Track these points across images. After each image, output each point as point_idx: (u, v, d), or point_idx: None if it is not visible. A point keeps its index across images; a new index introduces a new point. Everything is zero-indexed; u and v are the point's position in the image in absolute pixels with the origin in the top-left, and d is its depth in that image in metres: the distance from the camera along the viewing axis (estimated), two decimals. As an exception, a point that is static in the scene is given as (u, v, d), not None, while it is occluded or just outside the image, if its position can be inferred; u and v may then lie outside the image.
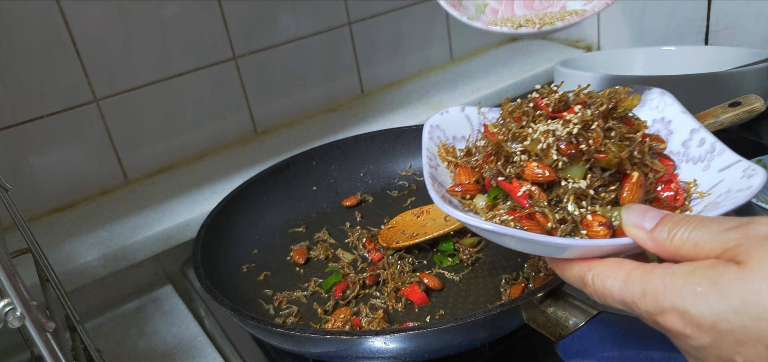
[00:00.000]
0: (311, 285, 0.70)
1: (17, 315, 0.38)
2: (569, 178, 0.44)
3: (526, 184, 0.45)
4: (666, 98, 0.54)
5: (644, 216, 0.37)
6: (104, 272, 0.78)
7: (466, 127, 0.60)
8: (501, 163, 0.48)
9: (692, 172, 0.48)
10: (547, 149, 0.44)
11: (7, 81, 0.82)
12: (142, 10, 0.89)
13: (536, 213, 0.44)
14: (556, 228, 0.43)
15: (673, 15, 1.04)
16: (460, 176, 0.52)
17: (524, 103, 0.50)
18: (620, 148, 0.44)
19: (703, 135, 0.49)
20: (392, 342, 0.51)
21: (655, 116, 0.54)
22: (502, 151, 0.48)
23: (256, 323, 0.56)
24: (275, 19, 1.01)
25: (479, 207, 0.48)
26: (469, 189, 0.50)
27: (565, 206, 0.43)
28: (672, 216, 0.36)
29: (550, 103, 0.48)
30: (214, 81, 0.99)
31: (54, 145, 0.88)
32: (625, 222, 0.39)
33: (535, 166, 0.45)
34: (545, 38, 1.31)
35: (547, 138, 0.45)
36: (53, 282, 0.58)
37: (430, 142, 0.57)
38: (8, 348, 0.76)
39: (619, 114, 0.48)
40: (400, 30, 1.16)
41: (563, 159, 0.44)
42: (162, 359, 0.70)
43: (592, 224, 0.42)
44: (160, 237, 0.81)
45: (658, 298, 0.33)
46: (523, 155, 0.46)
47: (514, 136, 0.47)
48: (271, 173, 0.83)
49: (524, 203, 0.44)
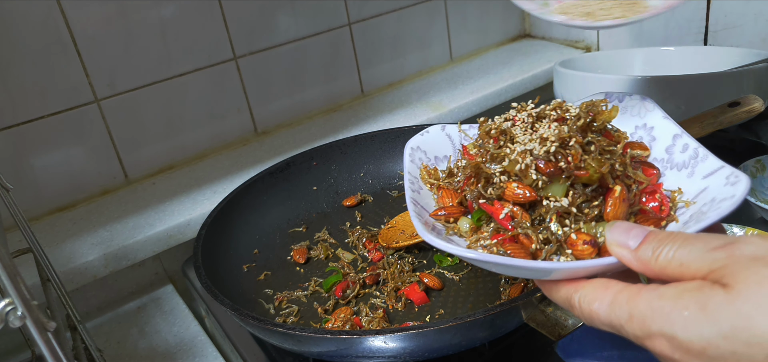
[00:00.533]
0: (311, 285, 0.70)
1: (18, 314, 0.38)
2: (550, 197, 0.43)
3: (508, 206, 0.44)
4: (647, 104, 0.53)
5: (628, 234, 0.37)
6: (105, 272, 0.78)
7: (447, 146, 0.59)
8: (482, 185, 0.47)
9: (677, 179, 0.47)
10: (526, 169, 0.44)
11: (8, 81, 0.82)
12: (142, 10, 0.89)
13: (520, 235, 0.43)
14: (541, 249, 0.42)
15: (673, 15, 1.04)
16: (443, 198, 0.51)
17: (501, 122, 0.50)
18: (600, 162, 0.43)
19: (685, 140, 0.49)
20: (392, 342, 0.52)
21: (637, 123, 0.53)
22: (482, 173, 0.47)
23: (257, 322, 0.56)
24: (275, 19, 1.01)
25: (463, 230, 0.48)
26: (453, 212, 0.49)
27: (548, 226, 0.43)
28: (656, 233, 0.35)
29: (525, 119, 0.48)
30: (214, 81, 0.99)
31: (55, 145, 0.88)
32: (609, 240, 0.38)
33: (515, 186, 0.44)
34: (546, 39, 1.31)
35: (524, 158, 0.44)
36: (54, 281, 0.58)
37: (412, 164, 0.56)
38: (9, 347, 0.76)
39: (598, 127, 0.47)
40: (400, 30, 1.16)
41: (543, 178, 0.43)
42: (163, 358, 0.70)
43: (576, 243, 0.41)
44: (161, 236, 0.82)
45: (645, 322, 0.33)
46: (502, 176, 0.45)
47: (493, 157, 0.47)
48: (271, 173, 0.83)
49: (507, 225, 0.44)
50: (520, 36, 1.36)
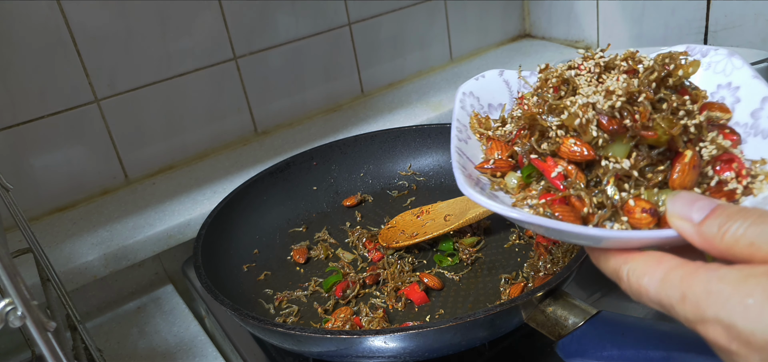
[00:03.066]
0: (311, 285, 0.70)
1: (18, 314, 0.38)
2: (610, 157, 0.39)
3: (562, 163, 0.40)
4: (734, 60, 0.46)
5: (692, 205, 0.32)
6: (105, 272, 0.78)
7: (504, 94, 0.53)
8: (535, 138, 0.43)
9: (761, 147, 0.41)
10: (586, 124, 0.39)
11: (8, 81, 0.82)
12: (142, 10, 0.89)
13: (571, 196, 0.39)
14: (593, 213, 0.38)
15: (673, 15, 1.04)
16: (493, 150, 0.46)
17: (564, 69, 0.45)
18: (671, 123, 0.38)
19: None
20: (392, 342, 0.52)
21: (721, 81, 0.46)
22: (537, 125, 0.43)
23: (257, 322, 0.56)
24: (275, 19, 1.01)
25: (510, 186, 0.43)
26: (501, 166, 0.45)
27: (604, 189, 0.38)
28: (725, 207, 0.31)
29: (591, 69, 0.44)
30: (214, 81, 0.99)
31: (55, 145, 0.88)
32: (670, 211, 0.34)
33: (572, 142, 0.40)
34: (546, 39, 1.31)
35: (586, 112, 0.39)
36: (54, 281, 0.58)
37: (462, 111, 0.50)
38: (9, 347, 0.76)
39: (674, 82, 0.42)
40: (400, 30, 1.16)
41: (604, 135, 0.39)
42: (163, 358, 0.70)
43: (634, 210, 0.37)
44: (161, 236, 0.82)
45: (699, 305, 0.29)
46: (559, 130, 0.41)
47: (551, 109, 0.42)
48: (271, 173, 0.83)
49: (558, 184, 0.40)
50: (520, 36, 1.36)
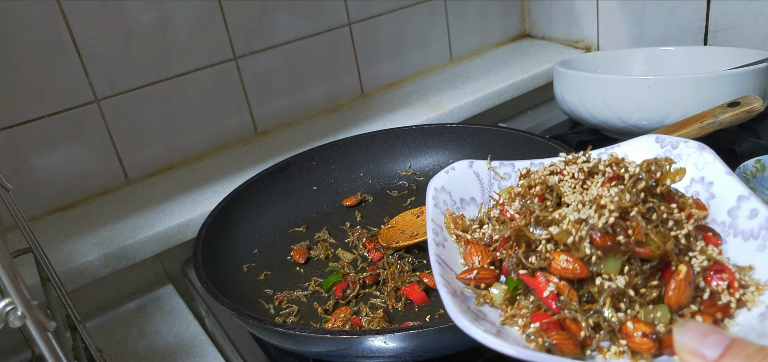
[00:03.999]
0: (311, 285, 0.70)
1: (18, 314, 0.38)
2: (604, 274, 0.38)
3: (553, 281, 0.39)
4: (706, 155, 0.46)
5: (704, 340, 0.30)
6: (105, 271, 0.78)
7: (474, 186, 0.52)
8: (522, 251, 0.41)
9: (743, 250, 0.40)
10: (580, 242, 0.38)
11: (7, 81, 0.82)
12: (142, 10, 0.89)
13: (567, 319, 0.37)
14: (591, 336, 0.37)
15: (673, 15, 1.04)
16: (471, 254, 0.45)
17: (546, 175, 0.44)
18: (665, 237, 0.37)
19: (754, 204, 0.41)
20: (392, 342, 0.52)
21: (694, 175, 0.46)
22: (524, 238, 0.41)
23: (257, 322, 0.56)
24: (275, 19, 1.01)
25: (496, 299, 0.41)
26: (484, 276, 0.43)
27: (601, 310, 0.37)
28: (742, 345, 0.29)
29: (575, 174, 0.43)
30: (214, 81, 0.99)
31: (55, 145, 0.88)
32: (679, 345, 0.31)
33: (563, 258, 0.38)
34: (546, 39, 1.31)
35: (579, 229, 0.38)
36: (54, 281, 0.58)
37: (436, 209, 0.49)
38: (9, 347, 0.76)
39: (661, 190, 0.41)
40: (400, 30, 1.16)
41: (598, 253, 0.37)
42: (163, 358, 0.70)
43: (633, 335, 0.35)
44: (161, 236, 0.82)
45: None
46: (548, 244, 0.39)
47: (538, 221, 0.41)
48: (271, 173, 0.83)
49: (551, 304, 0.38)
50: (520, 36, 1.36)
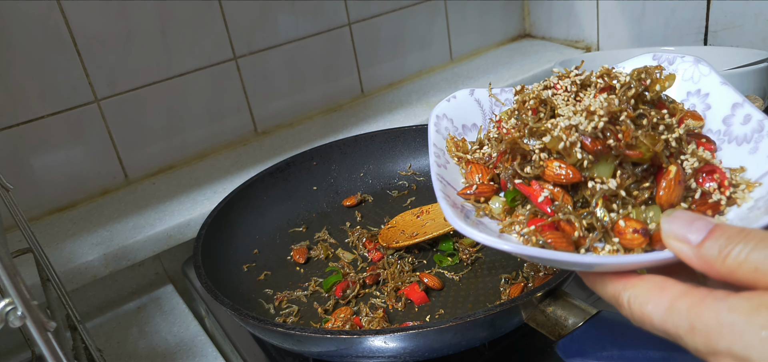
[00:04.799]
0: (311, 285, 0.70)
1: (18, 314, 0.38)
2: (596, 178, 0.39)
3: (547, 187, 0.40)
4: (702, 67, 0.47)
5: (689, 226, 0.31)
6: (105, 272, 0.78)
7: (476, 113, 0.53)
8: (518, 163, 0.42)
9: (737, 155, 0.41)
10: (571, 147, 0.39)
11: (7, 81, 0.82)
12: (142, 10, 0.89)
13: (561, 221, 0.39)
14: (585, 236, 0.38)
15: (673, 15, 1.04)
16: (472, 173, 0.46)
17: (540, 89, 0.45)
18: (654, 140, 0.38)
19: (748, 110, 0.42)
20: (392, 342, 0.52)
21: (690, 88, 0.47)
22: (519, 149, 0.42)
23: (257, 322, 0.56)
24: (275, 19, 1.01)
25: (495, 211, 0.43)
26: (484, 190, 0.44)
27: (594, 211, 0.38)
28: (724, 228, 0.30)
29: (568, 87, 0.43)
30: (214, 81, 0.99)
31: (55, 145, 0.88)
32: (666, 232, 0.33)
33: (556, 165, 0.39)
34: (546, 39, 1.31)
35: (569, 135, 0.39)
36: (54, 281, 0.58)
37: (438, 135, 0.50)
38: (9, 347, 0.76)
39: (652, 97, 0.42)
40: (400, 30, 1.16)
41: (589, 157, 0.38)
42: (163, 358, 0.70)
43: (625, 231, 0.37)
44: (161, 236, 0.82)
45: (711, 337, 0.28)
46: (542, 153, 0.41)
47: (532, 132, 0.42)
48: (271, 173, 0.83)
49: (546, 209, 0.39)
50: (520, 36, 1.36)
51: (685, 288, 0.30)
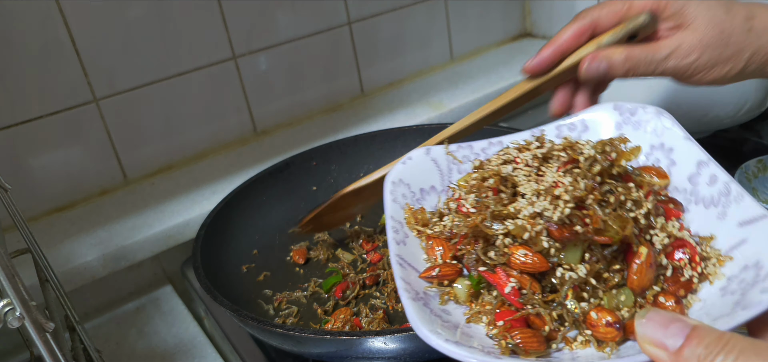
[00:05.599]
0: (311, 286, 0.70)
1: (16, 315, 0.38)
2: (564, 265, 0.37)
3: (514, 275, 0.38)
4: (664, 119, 0.46)
5: (665, 330, 0.30)
6: (104, 272, 0.78)
7: (434, 175, 0.50)
8: (480, 247, 0.40)
9: (704, 218, 0.40)
10: (536, 236, 0.37)
11: (6, 81, 0.82)
12: (141, 9, 0.89)
13: (530, 315, 0.37)
14: (556, 330, 0.36)
15: (674, 15, 1.04)
16: (433, 249, 0.43)
17: (499, 165, 0.43)
18: (623, 222, 0.37)
19: (713, 170, 0.41)
20: (392, 343, 0.51)
21: (653, 142, 0.45)
22: (481, 234, 0.40)
23: (256, 323, 0.55)
24: (275, 18, 1.01)
25: (460, 295, 0.40)
26: (447, 273, 0.41)
27: (564, 303, 0.37)
28: (702, 334, 0.28)
29: (529, 162, 0.42)
30: (213, 81, 0.99)
31: (53, 145, 0.88)
32: (641, 336, 0.31)
33: (522, 253, 0.37)
34: (547, 38, 1.31)
35: (534, 224, 0.37)
36: (53, 282, 0.58)
37: (395, 204, 0.47)
38: (7, 348, 0.75)
39: (618, 172, 0.41)
40: (400, 30, 1.16)
41: (556, 245, 0.37)
42: (161, 359, 0.70)
43: (597, 323, 0.35)
44: (160, 237, 0.81)
45: None
46: (506, 238, 0.39)
47: (494, 215, 0.40)
48: (270, 173, 0.83)
49: (514, 300, 0.38)
50: (520, 35, 1.36)
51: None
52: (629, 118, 0.47)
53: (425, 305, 0.38)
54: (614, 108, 0.49)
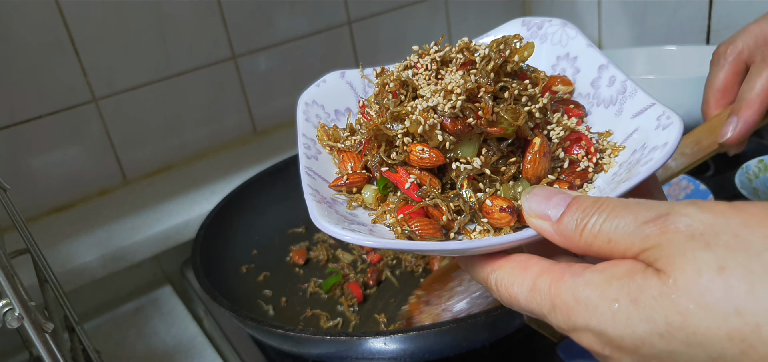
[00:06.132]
0: (311, 286, 0.70)
1: (16, 315, 0.37)
2: (461, 158, 0.38)
3: (414, 172, 0.39)
4: (568, 30, 0.47)
5: (548, 201, 0.31)
6: (103, 272, 0.78)
7: (349, 97, 0.50)
8: (383, 150, 0.41)
9: (604, 118, 0.42)
10: (431, 130, 0.38)
11: (5, 80, 0.82)
12: (141, 9, 0.89)
13: (429, 206, 0.37)
14: (453, 219, 0.37)
15: (675, 14, 1.04)
16: (344, 162, 0.43)
17: (400, 70, 0.44)
18: (515, 113, 0.38)
19: (612, 72, 0.43)
20: (392, 344, 0.51)
21: (559, 52, 0.47)
22: (382, 136, 0.41)
23: (256, 324, 0.55)
24: (275, 18, 1.01)
25: (368, 201, 0.41)
26: (355, 180, 0.42)
27: (460, 193, 0.37)
28: (580, 201, 0.30)
29: (428, 65, 0.42)
30: (213, 80, 0.98)
31: (53, 145, 0.87)
32: (527, 211, 0.32)
33: (420, 149, 0.38)
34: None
35: (427, 118, 0.38)
36: (52, 282, 0.58)
37: (307, 124, 0.47)
38: (7, 348, 0.75)
39: (512, 68, 0.41)
40: (401, 29, 1.16)
41: (450, 138, 0.38)
42: (161, 360, 0.70)
43: (492, 210, 0.36)
44: (159, 237, 0.81)
45: (570, 315, 0.28)
46: (405, 138, 0.39)
47: (394, 117, 0.40)
48: (270, 173, 0.83)
49: (414, 195, 0.38)
50: (520, 36, 1.36)
51: (546, 266, 0.30)
52: (536, 32, 0.49)
53: (331, 207, 0.39)
54: (522, 24, 0.50)
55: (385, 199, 0.41)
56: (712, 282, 0.24)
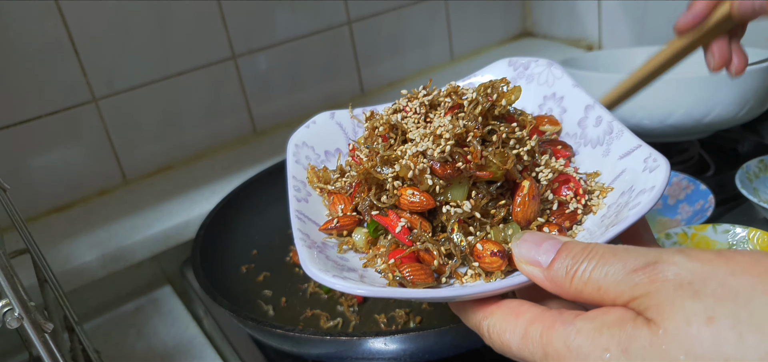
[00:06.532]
0: (311, 286, 0.70)
1: (15, 315, 0.37)
2: (451, 202, 0.38)
3: (404, 216, 0.39)
4: (554, 70, 0.48)
5: (538, 248, 0.31)
6: (103, 273, 0.78)
7: (339, 138, 0.51)
8: (373, 193, 0.41)
9: (592, 157, 0.42)
10: (421, 174, 0.38)
11: (5, 80, 0.82)
12: (141, 9, 0.89)
13: (420, 251, 0.38)
14: (445, 264, 0.37)
15: (675, 14, 1.03)
16: (335, 205, 0.44)
17: (389, 114, 0.44)
18: (504, 157, 0.38)
19: (598, 112, 0.43)
20: (392, 344, 0.51)
21: (545, 92, 0.47)
22: (372, 179, 0.41)
23: (255, 324, 0.55)
24: (275, 18, 1.01)
25: (358, 244, 0.41)
26: (346, 223, 0.42)
27: (450, 237, 0.38)
28: (570, 247, 0.30)
29: (417, 109, 0.43)
30: (213, 80, 0.98)
31: (52, 145, 0.87)
32: (517, 257, 0.32)
33: (410, 193, 0.38)
34: (548, 38, 1.31)
35: (417, 162, 0.38)
36: (51, 282, 0.57)
37: (297, 166, 0.48)
38: (6, 348, 0.75)
39: (500, 112, 0.42)
40: (401, 29, 1.16)
41: (440, 182, 0.38)
42: (161, 360, 0.70)
43: (483, 254, 0.36)
44: (159, 237, 0.81)
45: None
46: (395, 181, 0.40)
47: (383, 160, 0.41)
48: (270, 173, 0.83)
49: (405, 239, 0.39)
50: (521, 34, 1.35)
51: (538, 312, 0.30)
52: (523, 72, 0.49)
53: (321, 253, 0.39)
54: (508, 64, 0.50)
55: (375, 242, 0.41)
56: (700, 332, 0.24)
